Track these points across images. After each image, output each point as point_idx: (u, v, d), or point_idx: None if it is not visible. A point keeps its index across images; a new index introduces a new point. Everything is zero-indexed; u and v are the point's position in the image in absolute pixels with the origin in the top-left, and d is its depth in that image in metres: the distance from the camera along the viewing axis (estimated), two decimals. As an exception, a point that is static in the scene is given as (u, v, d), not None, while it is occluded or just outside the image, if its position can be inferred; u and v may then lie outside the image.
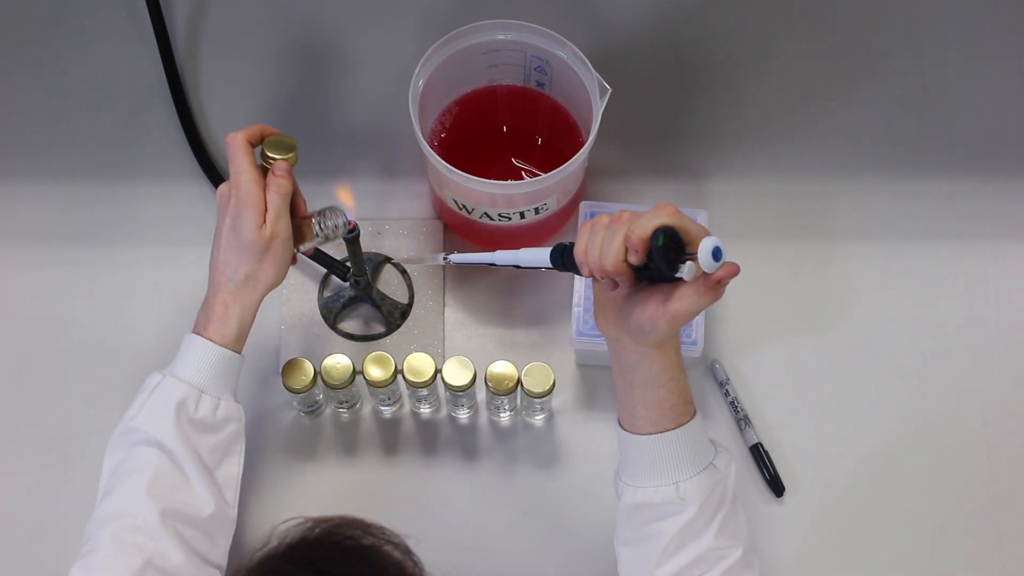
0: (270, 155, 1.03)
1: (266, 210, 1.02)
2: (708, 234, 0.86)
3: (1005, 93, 1.31)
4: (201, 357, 1.01)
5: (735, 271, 0.86)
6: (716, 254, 0.84)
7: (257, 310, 1.04)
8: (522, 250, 1.00)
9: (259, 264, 1.02)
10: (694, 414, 0.95)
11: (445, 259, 1.08)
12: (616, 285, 0.91)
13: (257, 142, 1.05)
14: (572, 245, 0.93)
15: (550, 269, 0.98)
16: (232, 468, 1.02)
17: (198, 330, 1.02)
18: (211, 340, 1.01)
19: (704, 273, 0.86)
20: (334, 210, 1.05)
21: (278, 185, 1.02)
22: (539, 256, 0.98)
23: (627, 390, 0.95)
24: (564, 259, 0.95)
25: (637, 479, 0.95)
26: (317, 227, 1.05)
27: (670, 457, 0.93)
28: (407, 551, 0.83)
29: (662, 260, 0.85)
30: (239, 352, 1.03)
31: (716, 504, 0.94)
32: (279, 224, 1.02)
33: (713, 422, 1.19)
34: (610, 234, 0.89)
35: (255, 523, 1.14)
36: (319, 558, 0.81)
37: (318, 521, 0.83)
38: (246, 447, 1.07)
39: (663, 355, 0.93)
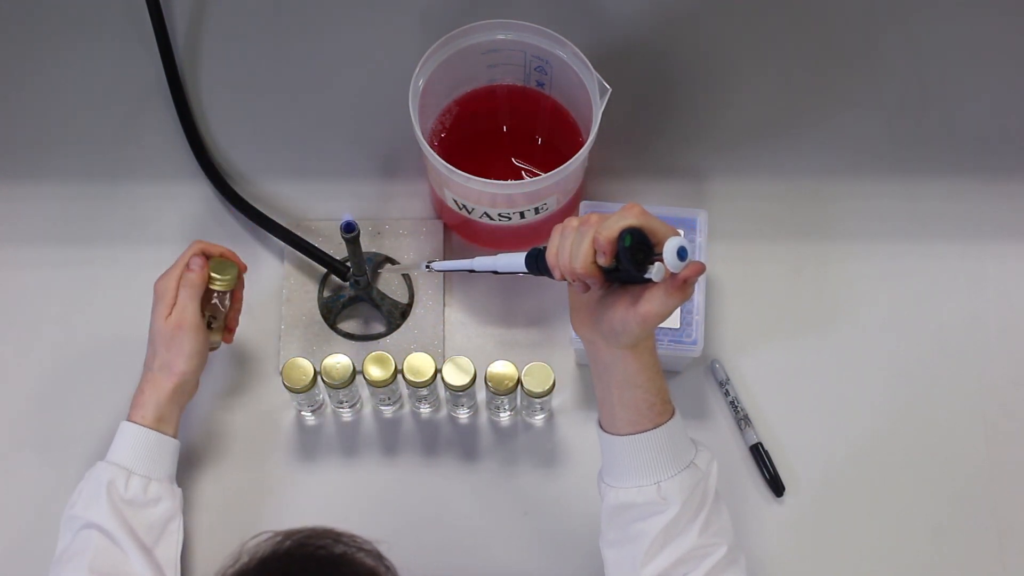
0: (210, 271, 1.10)
1: (175, 303, 1.07)
2: (676, 234, 0.86)
3: (1005, 93, 1.31)
4: (127, 440, 1.06)
5: (700, 270, 0.86)
6: (681, 254, 0.84)
7: (178, 398, 1.08)
8: (499, 256, 1.00)
9: (168, 352, 1.07)
10: (673, 413, 0.95)
11: (427, 267, 1.09)
12: (588, 288, 0.91)
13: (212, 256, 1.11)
14: (545, 249, 0.93)
15: (527, 274, 0.97)
16: (170, 550, 1.05)
17: (128, 415, 1.07)
18: (135, 423, 1.06)
19: (672, 273, 0.85)
20: (221, 264, 1.11)
21: (186, 279, 1.08)
22: (516, 261, 0.98)
23: (605, 392, 0.95)
24: (538, 263, 0.95)
25: (619, 480, 0.96)
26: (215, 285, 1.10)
27: (650, 457, 0.94)
28: (379, 557, 0.84)
29: (629, 261, 0.85)
30: (170, 435, 1.07)
31: (699, 502, 0.94)
32: (184, 315, 1.07)
33: (713, 422, 1.19)
34: (579, 237, 0.89)
35: (255, 523, 1.13)
36: (293, 571, 0.81)
37: (288, 534, 0.83)
38: (245, 447, 1.07)
39: (637, 356, 0.93)
